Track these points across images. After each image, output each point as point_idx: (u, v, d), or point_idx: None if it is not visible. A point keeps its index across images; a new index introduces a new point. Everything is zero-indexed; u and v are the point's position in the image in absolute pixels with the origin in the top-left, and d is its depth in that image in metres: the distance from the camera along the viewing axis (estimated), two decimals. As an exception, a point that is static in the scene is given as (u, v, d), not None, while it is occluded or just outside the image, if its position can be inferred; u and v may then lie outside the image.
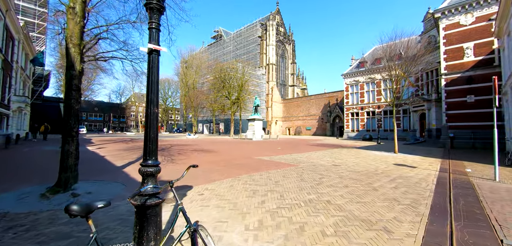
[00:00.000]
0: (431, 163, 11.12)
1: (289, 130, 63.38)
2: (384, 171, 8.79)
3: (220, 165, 9.94)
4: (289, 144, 23.93)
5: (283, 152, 16.12)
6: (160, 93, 78.12)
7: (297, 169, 9.00)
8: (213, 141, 28.21)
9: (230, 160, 11.65)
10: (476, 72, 19.78)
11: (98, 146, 18.97)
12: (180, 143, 24.28)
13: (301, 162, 10.98)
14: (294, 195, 5.46)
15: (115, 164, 10.11)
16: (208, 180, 7.10)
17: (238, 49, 68.98)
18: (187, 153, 14.29)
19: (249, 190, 5.88)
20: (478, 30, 19.78)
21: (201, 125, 65.27)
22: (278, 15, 75.06)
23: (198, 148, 18.34)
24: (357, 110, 42.93)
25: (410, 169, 9.19)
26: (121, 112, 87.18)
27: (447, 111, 21.08)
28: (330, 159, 12.34)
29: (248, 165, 10.08)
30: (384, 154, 14.72)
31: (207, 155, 13.55)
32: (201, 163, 10.57)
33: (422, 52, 17.87)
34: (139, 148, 17.12)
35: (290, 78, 78.51)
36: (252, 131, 33.66)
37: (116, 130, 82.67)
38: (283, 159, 12.24)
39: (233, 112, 41.86)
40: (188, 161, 11.03)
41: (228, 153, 15.02)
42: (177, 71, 71.76)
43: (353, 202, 4.95)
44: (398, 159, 12.54)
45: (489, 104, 19.28)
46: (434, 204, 4.82)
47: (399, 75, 15.51)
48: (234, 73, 41.96)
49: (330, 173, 8.16)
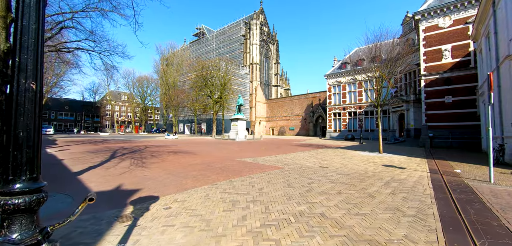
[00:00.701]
0: (418, 163, 10.83)
1: (272, 130, 62.99)
2: (375, 173, 8.21)
3: (197, 169, 8.82)
4: (273, 145, 23.19)
5: (267, 152, 15.27)
6: (138, 91, 74.92)
7: (283, 172, 8.14)
8: (194, 142, 26.75)
9: (210, 162, 10.55)
10: (454, 73, 20.35)
11: (60, 148, 16.89)
12: (157, 144, 22.60)
13: (287, 164, 10.17)
14: (282, 206, 4.57)
15: (72, 169, 8.62)
16: (180, 188, 6.00)
17: (221, 47, 67.36)
18: (162, 155, 12.93)
19: (228, 201, 4.89)
20: (456, 32, 20.37)
21: (182, 125, 62.82)
22: (262, 14, 74.55)
23: (175, 149, 16.94)
24: (339, 110, 43.41)
25: (400, 171, 8.71)
26: (95, 111, 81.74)
27: (427, 112, 21.52)
28: (316, 160, 11.67)
29: (229, 168, 9.06)
30: (370, 154, 14.39)
31: (185, 157, 12.31)
32: (175, 166, 9.38)
33: (405, 53, 17.96)
34: (108, 150, 15.39)
35: (273, 78, 78.33)
36: (235, 131, 32.55)
37: (90, 130, 77.31)
38: (268, 160, 11.37)
39: (215, 112, 40.40)
40: (162, 165, 9.78)
41: (208, 154, 13.87)
42: (156, 69, 68.60)
43: (351, 214, 4.16)
44: (384, 159, 12.18)
45: (466, 105, 19.91)
46: (442, 214, 4.16)
47: (383, 76, 15.32)
48: (216, 71, 40.53)
49: (319, 177, 7.39)
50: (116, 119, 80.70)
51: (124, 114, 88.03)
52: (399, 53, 16.30)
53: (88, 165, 9.37)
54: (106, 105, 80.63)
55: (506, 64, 10.67)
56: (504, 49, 10.97)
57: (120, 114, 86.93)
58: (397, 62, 15.79)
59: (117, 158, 11.53)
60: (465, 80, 19.83)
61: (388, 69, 15.16)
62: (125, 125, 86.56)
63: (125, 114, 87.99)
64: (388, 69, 15.18)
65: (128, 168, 8.76)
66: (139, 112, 79.60)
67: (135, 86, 74.67)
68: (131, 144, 21.22)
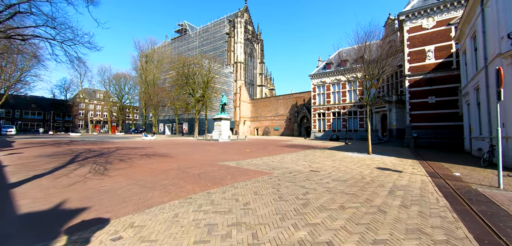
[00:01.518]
0: (412, 165, 10.25)
1: (257, 130, 62.03)
2: (373, 178, 7.37)
3: (169, 176, 7.46)
4: (258, 145, 22.12)
5: (252, 154, 14.13)
6: (114, 89, 70.42)
7: (271, 180, 7.04)
8: (174, 143, 24.94)
9: (187, 167, 9.19)
10: (437, 74, 20.55)
11: (12, 151, 14.55)
12: (132, 145, 20.61)
13: (275, 168, 9.09)
14: (275, 232, 3.44)
15: (9, 179, 6.88)
16: (142, 205, 4.67)
17: (204, 45, 65.18)
18: (132, 160, 11.32)
19: (203, 225, 3.68)
20: (439, 34, 20.58)
21: (163, 125, 59.83)
22: (247, 13, 73.35)
23: (150, 151, 15.27)
24: (323, 110, 43.37)
25: (398, 175, 7.97)
26: (67, 110, 75.76)
27: (411, 112, 21.59)
28: (305, 163, 10.73)
29: (208, 175, 7.80)
30: (359, 156, 13.77)
31: (158, 161, 10.82)
32: (144, 173, 7.93)
33: (393, 51, 17.69)
34: (70, 153, 13.41)
35: (258, 78, 77.42)
36: (218, 131, 31.06)
37: (60, 130, 71.49)
38: (253, 164, 10.23)
39: (197, 111, 38.50)
40: (128, 172, 8.27)
41: (186, 157, 12.45)
42: (135, 66, 64.82)
43: (368, 242, 3.13)
44: (376, 161, 11.53)
45: (448, 105, 20.13)
46: (478, 238, 3.27)
47: (373, 74, 14.85)
48: (198, 69, 38.67)
49: (313, 184, 6.38)
50: (90, 119, 75.30)
51: (100, 113, 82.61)
52: (388, 51, 15.92)
53: (35, 173, 7.64)
54: (79, 103, 74.95)
55: (497, 62, 10.39)
56: (495, 47, 10.73)
57: (95, 113, 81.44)
58: (387, 60, 15.39)
59: (76, 163, 9.79)
60: (448, 81, 20.07)
61: (377, 68, 14.69)
62: (101, 125, 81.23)
63: (100, 114, 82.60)
64: (378, 68, 14.71)
65: (83, 177, 7.19)
66: (116, 111, 74.94)
67: (111, 83, 70.21)
68: (101, 146, 19.09)
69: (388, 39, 37.06)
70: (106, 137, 42.63)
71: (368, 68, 14.87)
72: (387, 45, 15.85)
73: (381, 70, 14.77)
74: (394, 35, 34.70)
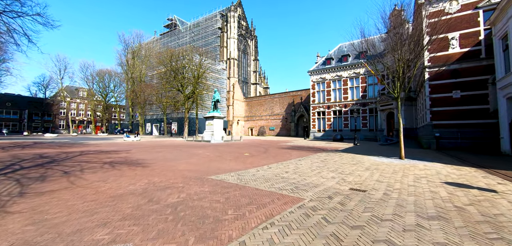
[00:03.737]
0: (484, 176, 7.31)
1: (252, 131, 58.76)
2: (464, 206, 4.30)
3: (116, 215, 4.14)
4: (257, 147, 18.90)
5: (254, 160, 10.90)
6: (98, 87, 65.41)
7: (308, 215, 3.85)
8: (158, 145, 21.36)
9: (159, 188, 5.87)
10: (462, 65, 17.94)
11: None
12: (105, 148, 16.97)
13: (299, 187, 5.90)
14: None
15: None
16: None
17: (195, 40, 61.22)
18: (84, 171, 7.88)
19: None
20: (464, 18, 17.98)
21: (150, 125, 55.58)
22: (240, 7, 70.03)
23: (121, 158, 11.77)
24: (323, 109, 40.59)
25: (491, 196, 4.95)
26: (46, 109, 70.02)
27: (432, 109, 18.90)
28: (334, 174, 7.61)
29: (192, 209, 4.53)
30: (393, 162, 10.81)
31: (122, 174, 7.43)
32: (77, 204, 4.55)
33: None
34: (8, 160, 9.77)
35: (252, 75, 74.18)
36: (210, 131, 27.62)
37: (38, 131, 65.90)
38: (262, 178, 7.01)
39: (187, 109, 34.81)
40: (51, 201, 4.88)
41: (166, 167, 9.09)
42: (120, 61, 60.31)
43: None
44: (426, 171, 8.55)
45: (476, 101, 17.53)
46: None
47: (407, 61, 12.21)
48: (188, 62, 35.00)
49: (386, 224, 3.24)
50: (72, 119, 69.97)
51: (83, 112, 77.11)
52: (419, 35, 13.15)
53: None
54: (60, 102, 69.34)
55: None
56: None
57: (78, 112, 75.89)
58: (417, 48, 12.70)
59: (-13, 181, 6.29)
60: (475, 73, 17.48)
61: (414, 51, 12.04)
62: (84, 125, 75.82)
63: (83, 113, 77.12)
64: (414, 51, 12.02)
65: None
66: (101, 110, 69.86)
67: (95, 80, 65.14)
68: (65, 149, 15.42)
69: (393, 32, 34.67)
70: (85, 137, 38.36)
71: (400, 54, 12.08)
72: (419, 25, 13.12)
73: (417, 55, 12.04)
74: (400, 27, 32.35)
